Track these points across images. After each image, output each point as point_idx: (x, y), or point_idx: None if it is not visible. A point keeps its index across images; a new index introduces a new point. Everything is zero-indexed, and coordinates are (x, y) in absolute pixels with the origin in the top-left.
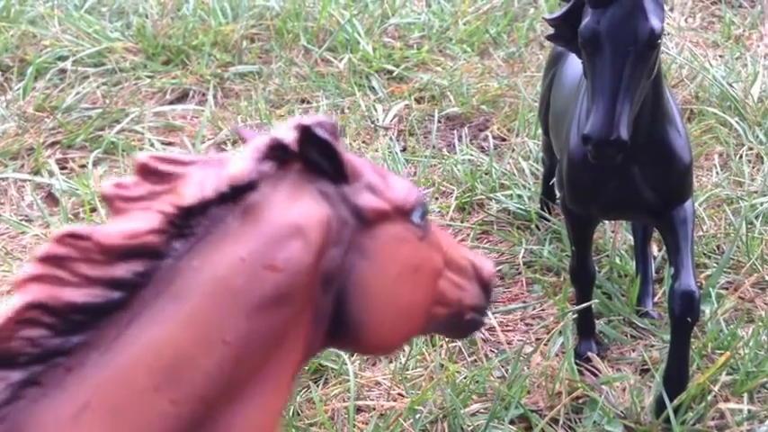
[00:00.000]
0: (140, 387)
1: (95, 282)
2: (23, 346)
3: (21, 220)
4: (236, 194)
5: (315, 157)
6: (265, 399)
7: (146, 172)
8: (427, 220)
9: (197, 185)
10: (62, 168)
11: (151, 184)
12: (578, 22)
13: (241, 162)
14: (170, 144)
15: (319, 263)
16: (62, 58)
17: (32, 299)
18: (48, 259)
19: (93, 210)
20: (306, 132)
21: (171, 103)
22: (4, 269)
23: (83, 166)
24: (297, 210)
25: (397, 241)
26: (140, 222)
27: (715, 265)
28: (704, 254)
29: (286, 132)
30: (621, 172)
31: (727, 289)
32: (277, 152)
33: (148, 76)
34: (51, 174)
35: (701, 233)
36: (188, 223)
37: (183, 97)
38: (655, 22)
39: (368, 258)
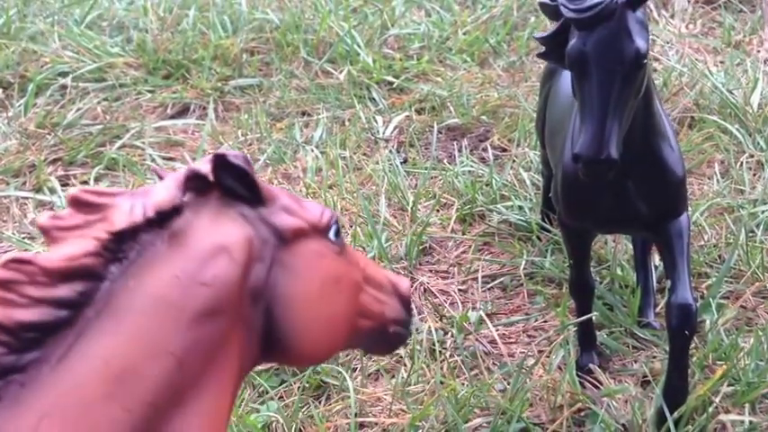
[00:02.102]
0: (93, 397)
1: (42, 302)
2: None
3: (23, 238)
4: (163, 220)
5: (231, 183)
6: (209, 404)
7: (78, 204)
8: (342, 239)
9: (126, 213)
10: (64, 185)
11: (84, 215)
12: (567, 41)
13: (164, 190)
14: (171, 159)
15: (246, 279)
16: (63, 75)
17: None
18: None
19: None
20: (220, 160)
21: (172, 117)
22: None
23: (84, 183)
24: (220, 231)
25: (317, 256)
26: (77, 247)
27: (716, 274)
28: (705, 263)
29: (202, 164)
30: (615, 187)
31: (728, 298)
32: (195, 182)
33: (149, 91)
34: (53, 191)
35: (701, 242)
36: (121, 248)
37: (183, 111)
38: (640, 43)
39: (291, 273)
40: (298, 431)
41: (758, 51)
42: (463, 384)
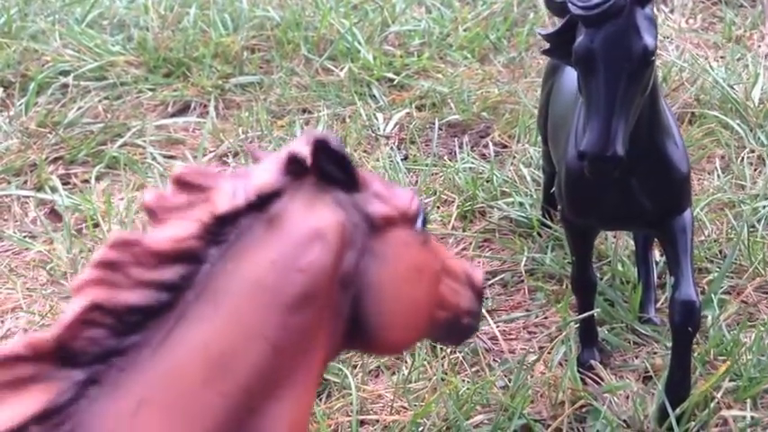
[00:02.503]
0: (191, 381)
1: (147, 284)
2: (86, 346)
3: (24, 237)
4: (263, 204)
5: (329, 168)
6: (300, 390)
7: (182, 184)
8: (427, 228)
9: (229, 195)
10: (65, 184)
11: (187, 195)
12: (573, 38)
13: (265, 173)
14: (172, 157)
15: (338, 266)
16: (64, 73)
17: (93, 300)
18: (103, 264)
19: (96, 225)
20: (321, 145)
21: (173, 115)
22: (8, 286)
23: (85, 182)
24: (316, 216)
25: (404, 245)
26: (182, 229)
27: (717, 269)
28: (706, 258)
29: (301, 147)
30: (620, 184)
31: (729, 294)
32: (294, 165)
33: (150, 89)
34: (54, 190)
35: (702, 238)
36: (222, 231)
37: (184, 109)
38: (648, 39)
39: (379, 260)
40: None
41: (759, 46)
42: (464, 381)
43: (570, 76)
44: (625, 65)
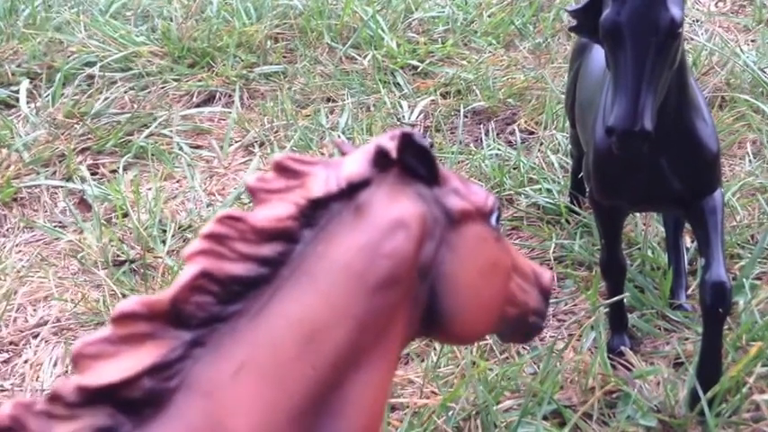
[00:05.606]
0: (286, 352)
1: (249, 258)
2: (194, 311)
3: (55, 227)
4: (352, 191)
5: (413, 162)
6: (381, 367)
7: (281, 169)
8: (500, 225)
9: (322, 182)
10: (93, 174)
11: (286, 180)
12: (600, 13)
13: (355, 164)
14: (198, 147)
15: (419, 253)
16: (89, 64)
17: (203, 268)
18: (211, 237)
19: (126, 215)
20: (406, 140)
21: (198, 105)
22: (41, 275)
23: (113, 172)
24: (399, 207)
25: (479, 239)
26: (281, 209)
27: (749, 255)
28: (738, 244)
29: (388, 141)
30: (648, 163)
31: (761, 279)
32: (381, 157)
33: (175, 80)
34: (83, 180)
35: (734, 223)
36: (315, 214)
37: (209, 99)
38: (675, 11)
39: (455, 253)
40: None
41: None
42: (491, 369)
43: (597, 56)
44: (652, 38)
